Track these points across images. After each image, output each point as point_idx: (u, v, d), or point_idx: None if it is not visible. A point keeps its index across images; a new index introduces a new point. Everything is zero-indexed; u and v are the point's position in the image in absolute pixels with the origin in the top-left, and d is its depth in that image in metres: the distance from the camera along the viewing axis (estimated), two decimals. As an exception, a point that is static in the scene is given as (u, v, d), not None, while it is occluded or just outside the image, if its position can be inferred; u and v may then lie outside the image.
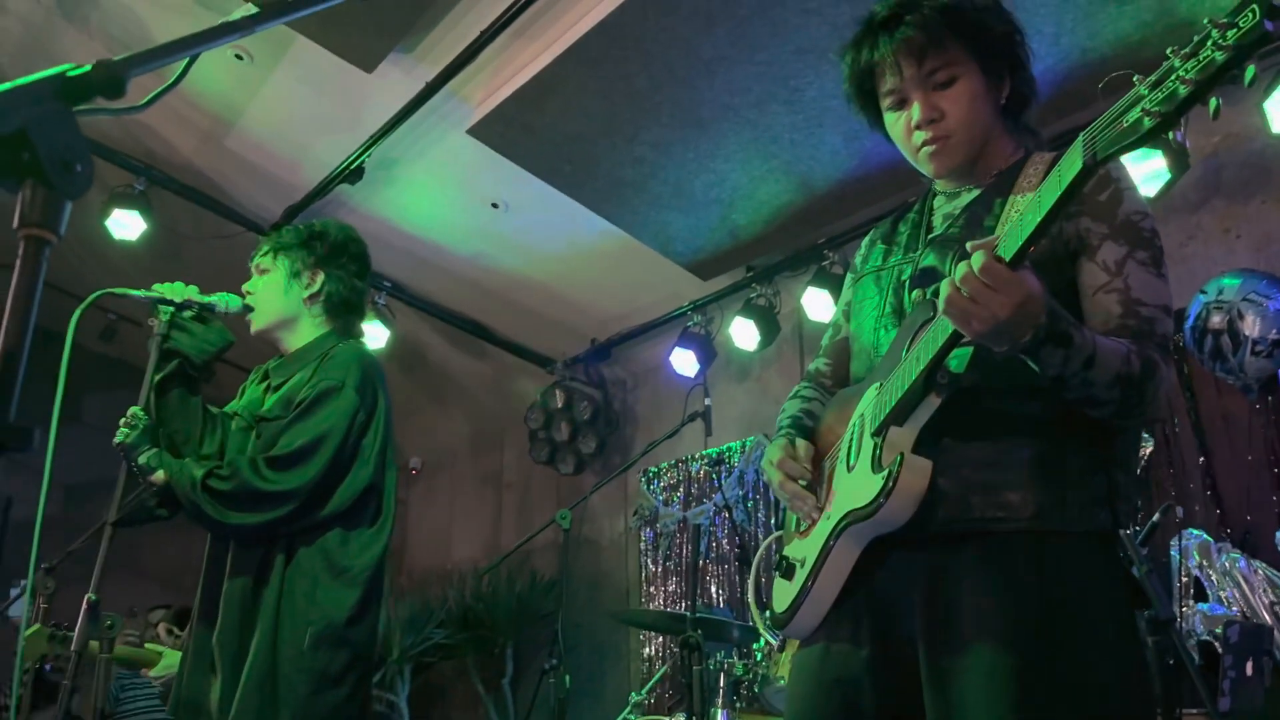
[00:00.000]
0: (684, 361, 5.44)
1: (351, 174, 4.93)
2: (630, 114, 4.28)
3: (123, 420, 2.32)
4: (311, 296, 2.54)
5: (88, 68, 0.78)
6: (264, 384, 2.57)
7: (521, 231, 5.40)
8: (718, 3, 3.66)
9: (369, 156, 4.83)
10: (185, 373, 2.48)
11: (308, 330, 2.55)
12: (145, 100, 0.96)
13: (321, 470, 2.30)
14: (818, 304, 4.85)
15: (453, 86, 4.34)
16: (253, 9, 1.11)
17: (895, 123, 1.66)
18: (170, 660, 3.28)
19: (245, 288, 2.56)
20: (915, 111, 1.61)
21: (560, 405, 6.32)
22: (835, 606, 1.56)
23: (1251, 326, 3.46)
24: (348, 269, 2.58)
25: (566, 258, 5.55)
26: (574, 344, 6.38)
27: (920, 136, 1.62)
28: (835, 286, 4.73)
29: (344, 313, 2.58)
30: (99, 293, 2.30)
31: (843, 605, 1.56)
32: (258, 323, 2.53)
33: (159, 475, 2.28)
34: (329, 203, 5.30)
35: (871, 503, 1.44)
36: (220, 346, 2.51)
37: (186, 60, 0.91)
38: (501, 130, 4.51)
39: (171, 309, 2.42)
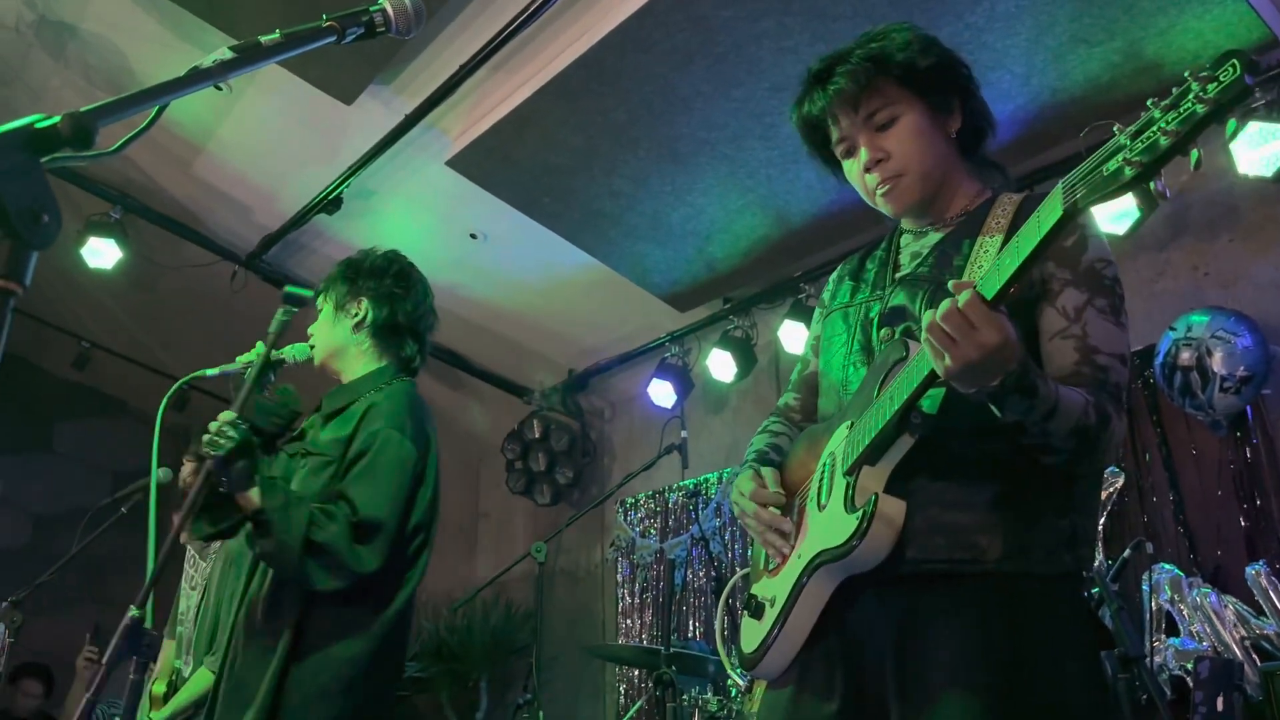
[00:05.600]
0: (661, 392, 5.45)
1: (329, 204, 4.92)
2: (608, 148, 4.31)
3: (214, 430, 2.07)
4: (357, 325, 2.49)
5: (56, 119, 0.78)
6: (316, 411, 2.51)
7: (500, 262, 5.41)
8: (695, 41, 3.70)
9: (347, 187, 4.83)
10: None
11: (358, 360, 2.49)
12: (115, 146, 0.96)
13: (393, 539, 2.21)
14: (794, 336, 4.87)
15: (431, 119, 4.35)
16: (227, 54, 1.12)
17: (851, 170, 1.70)
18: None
19: (309, 329, 2.54)
20: (863, 155, 1.65)
21: (537, 436, 6.30)
22: (805, 648, 1.56)
23: (1220, 363, 3.50)
24: (390, 291, 2.51)
25: (544, 289, 5.56)
26: (551, 374, 6.38)
27: (872, 179, 1.66)
28: (811, 319, 4.74)
29: (390, 336, 2.50)
30: (190, 377, 2.29)
31: (813, 648, 1.55)
32: (316, 357, 2.49)
33: (254, 494, 2.09)
34: (306, 232, 5.30)
35: (845, 543, 1.44)
36: (288, 418, 2.43)
37: (157, 108, 0.91)
38: (480, 162, 4.53)
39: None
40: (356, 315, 2.49)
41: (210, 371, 2.32)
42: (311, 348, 2.47)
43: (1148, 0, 3.37)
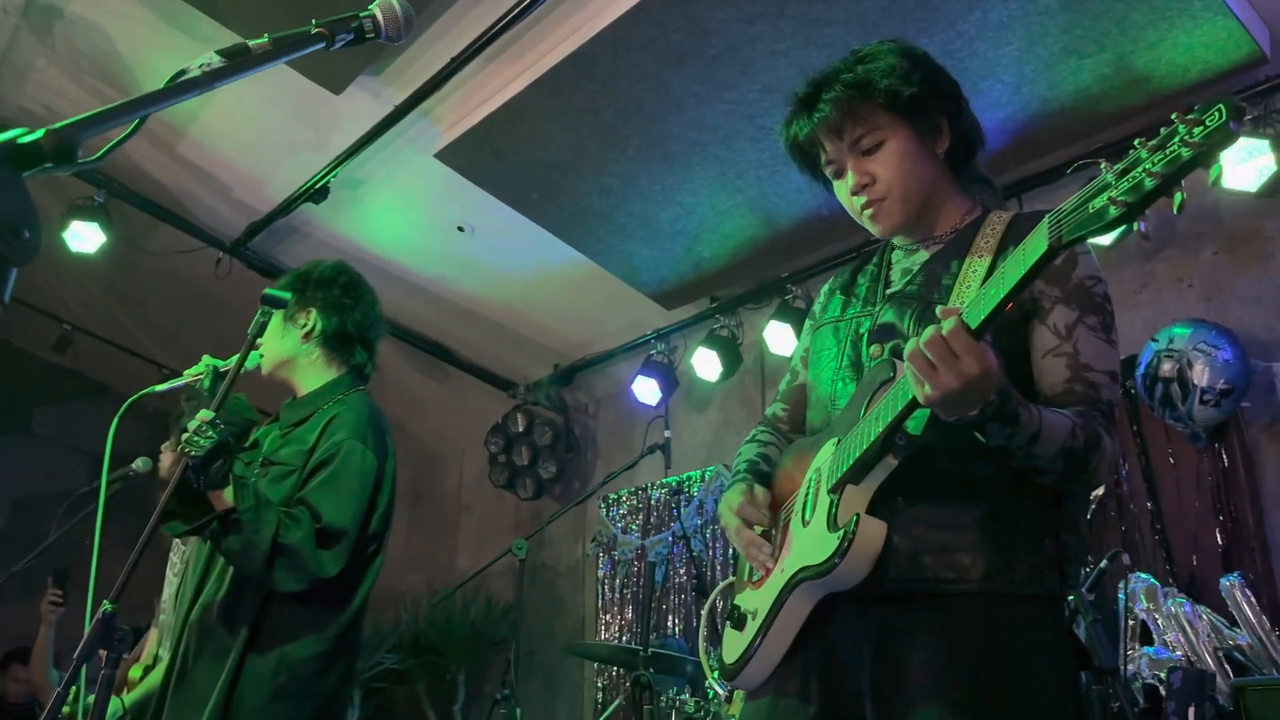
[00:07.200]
0: (646, 390, 5.45)
1: (316, 193, 4.90)
2: (599, 145, 4.30)
3: (193, 430, 2.05)
4: (306, 335, 2.52)
5: (40, 134, 0.77)
6: (274, 422, 2.55)
7: (487, 256, 5.40)
8: (688, 41, 3.69)
9: (334, 176, 4.80)
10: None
11: (310, 371, 2.53)
12: (97, 155, 0.95)
13: (354, 545, 2.28)
14: (779, 337, 4.88)
15: (421, 111, 4.33)
16: (214, 59, 1.11)
17: (840, 191, 1.72)
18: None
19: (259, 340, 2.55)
20: (850, 179, 1.67)
21: (521, 429, 6.30)
22: (785, 661, 1.57)
23: (1201, 376, 3.53)
24: (339, 301, 2.54)
25: (531, 283, 5.55)
26: (536, 368, 6.38)
27: (858, 202, 1.68)
28: (797, 320, 4.77)
29: (340, 345, 2.53)
30: (139, 395, 2.25)
31: (792, 660, 1.56)
32: (264, 367, 2.52)
33: (227, 494, 2.12)
34: (292, 221, 5.26)
35: (826, 561, 1.44)
36: (241, 426, 2.47)
37: (138, 120, 0.91)
38: (469, 155, 4.51)
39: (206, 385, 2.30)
40: (305, 325, 2.52)
41: (159, 387, 2.33)
42: (260, 357, 2.49)
43: (1139, 14, 3.38)
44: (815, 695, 1.52)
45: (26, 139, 0.76)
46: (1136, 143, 1.11)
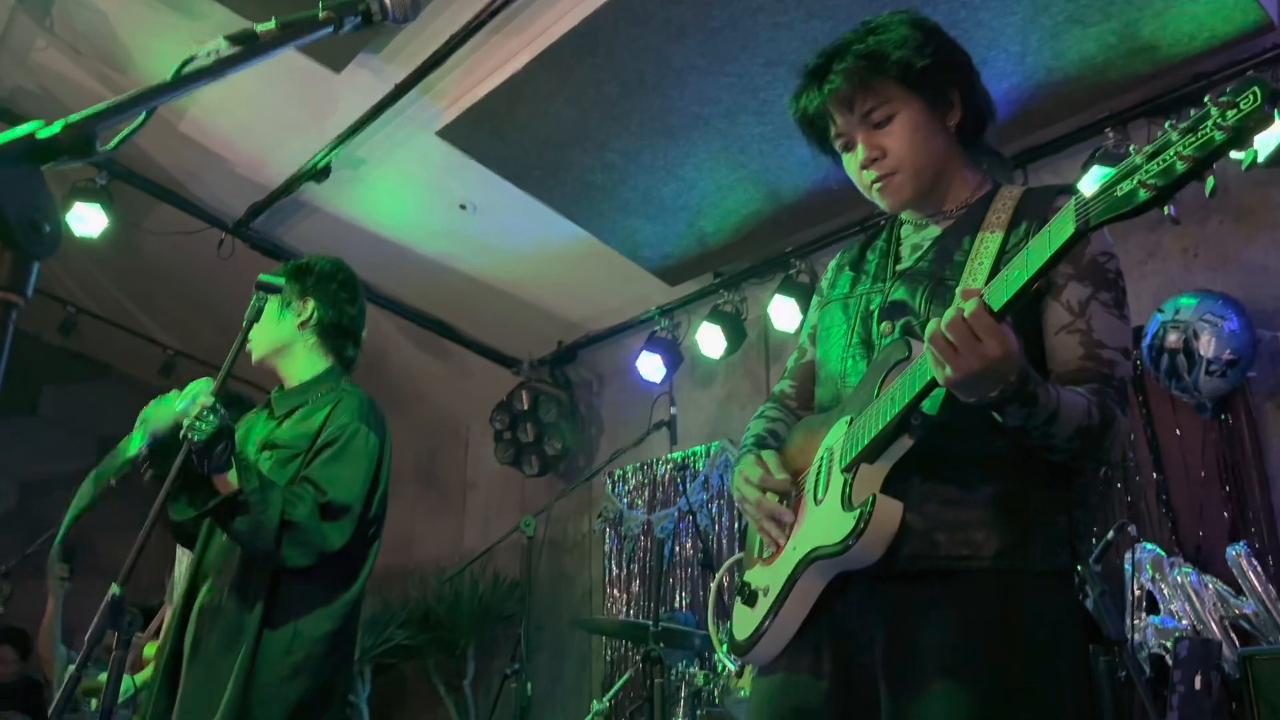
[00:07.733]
0: (650, 365, 5.45)
1: (318, 173, 4.88)
2: (601, 120, 4.27)
3: (194, 415, 2.05)
4: (303, 323, 2.57)
5: (57, 127, 0.77)
6: (265, 410, 2.59)
7: (489, 233, 5.38)
8: (689, 14, 3.66)
9: (336, 155, 4.79)
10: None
11: (304, 359, 2.57)
12: (110, 145, 0.95)
13: (358, 521, 2.35)
14: (784, 312, 4.87)
15: (422, 88, 4.31)
16: (223, 44, 1.11)
17: (849, 164, 1.70)
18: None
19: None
20: (860, 152, 1.64)
21: (526, 406, 6.30)
22: (797, 637, 1.58)
23: (1206, 346, 3.53)
24: (337, 295, 2.60)
25: (534, 260, 5.54)
26: (540, 345, 6.37)
27: (868, 176, 1.65)
28: (801, 295, 4.76)
29: (336, 337, 2.60)
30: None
31: (804, 636, 1.57)
32: (256, 352, 2.56)
33: (231, 477, 2.14)
34: (294, 200, 5.25)
35: (841, 541, 1.45)
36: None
37: (147, 111, 0.90)
38: (471, 133, 4.49)
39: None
40: (303, 314, 2.57)
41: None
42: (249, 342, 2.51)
43: (1145, -19, 3.35)
44: (827, 671, 1.53)
45: (45, 133, 0.76)
46: (1167, 125, 1.09)
